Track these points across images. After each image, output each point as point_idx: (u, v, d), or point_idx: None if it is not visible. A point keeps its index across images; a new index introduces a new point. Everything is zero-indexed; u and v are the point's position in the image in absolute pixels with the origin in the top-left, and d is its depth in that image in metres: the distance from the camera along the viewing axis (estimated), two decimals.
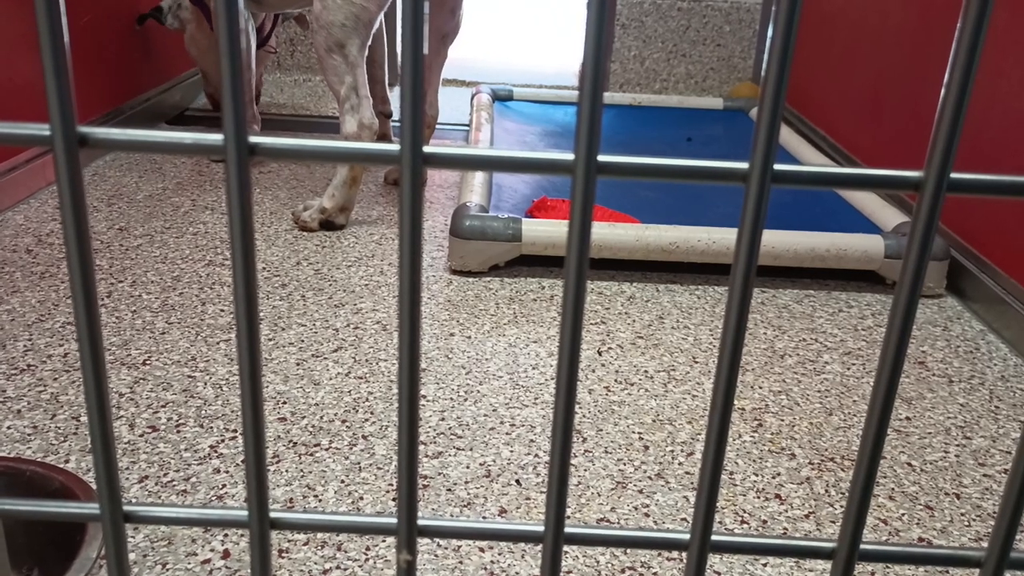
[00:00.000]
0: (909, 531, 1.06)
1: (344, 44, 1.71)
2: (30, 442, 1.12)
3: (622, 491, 1.10)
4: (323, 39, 1.72)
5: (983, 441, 1.24)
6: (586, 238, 0.27)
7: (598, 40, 0.24)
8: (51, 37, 0.24)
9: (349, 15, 1.69)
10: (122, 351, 1.35)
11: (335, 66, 1.73)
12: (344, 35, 1.71)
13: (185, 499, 1.04)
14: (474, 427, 1.21)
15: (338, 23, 1.70)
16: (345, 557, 0.96)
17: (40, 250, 1.68)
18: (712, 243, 1.66)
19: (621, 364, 1.40)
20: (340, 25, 1.70)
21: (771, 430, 1.24)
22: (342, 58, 1.72)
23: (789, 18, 0.24)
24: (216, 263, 1.67)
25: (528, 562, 0.97)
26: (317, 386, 1.29)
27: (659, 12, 3.16)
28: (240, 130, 0.26)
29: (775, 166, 0.26)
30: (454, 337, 1.45)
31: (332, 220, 1.85)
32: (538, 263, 1.75)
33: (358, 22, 1.70)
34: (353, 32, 1.71)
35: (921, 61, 1.99)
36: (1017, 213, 1.57)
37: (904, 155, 2.05)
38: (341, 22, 1.70)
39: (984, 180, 0.26)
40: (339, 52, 1.72)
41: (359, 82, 1.75)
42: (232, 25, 0.24)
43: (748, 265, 0.27)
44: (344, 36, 1.71)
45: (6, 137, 0.27)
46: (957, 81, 0.25)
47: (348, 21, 1.70)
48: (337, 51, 1.72)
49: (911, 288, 0.27)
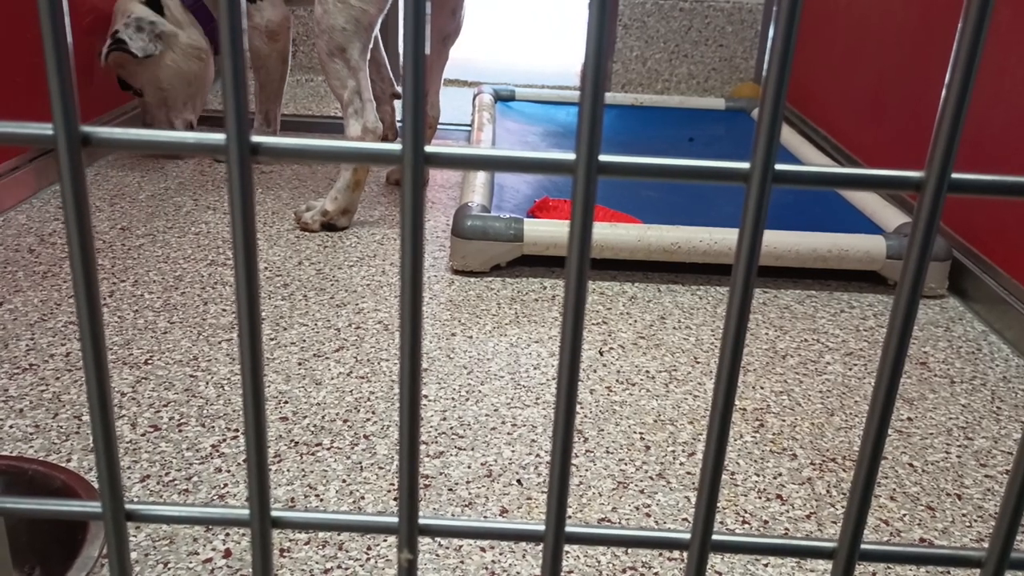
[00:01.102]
0: (910, 531, 1.06)
1: (345, 48, 1.71)
2: (32, 441, 1.12)
3: (623, 491, 1.10)
4: (325, 43, 1.71)
5: (985, 442, 1.24)
6: (587, 238, 0.27)
7: (599, 40, 0.24)
8: (54, 37, 0.25)
9: (349, 19, 1.69)
10: (124, 350, 1.35)
11: (337, 70, 1.73)
12: (345, 39, 1.70)
13: (187, 498, 1.04)
14: (475, 427, 1.21)
15: (339, 27, 1.69)
16: (346, 556, 0.96)
17: (43, 249, 1.68)
18: (714, 243, 1.66)
19: (622, 364, 1.40)
20: (341, 29, 1.70)
21: (772, 430, 1.24)
22: (344, 62, 1.72)
23: (790, 18, 0.24)
24: (218, 263, 1.67)
25: (529, 562, 0.97)
26: (319, 386, 1.29)
27: (661, 12, 3.16)
28: (243, 130, 0.26)
29: (776, 166, 0.26)
30: (456, 337, 1.45)
31: (334, 223, 1.85)
32: (540, 263, 1.75)
33: (359, 25, 1.70)
34: (354, 36, 1.71)
35: (922, 61, 1.99)
36: (1019, 213, 1.57)
37: (905, 155, 2.05)
38: (342, 26, 1.69)
39: (985, 180, 0.26)
40: (341, 56, 1.72)
41: (362, 86, 1.74)
42: (235, 24, 0.25)
43: (749, 265, 0.27)
44: (345, 40, 1.70)
45: (9, 136, 0.27)
46: (958, 81, 0.25)
47: (349, 25, 1.69)
48: (339, 55, 1.72)
49: (912, 289, 0.27)
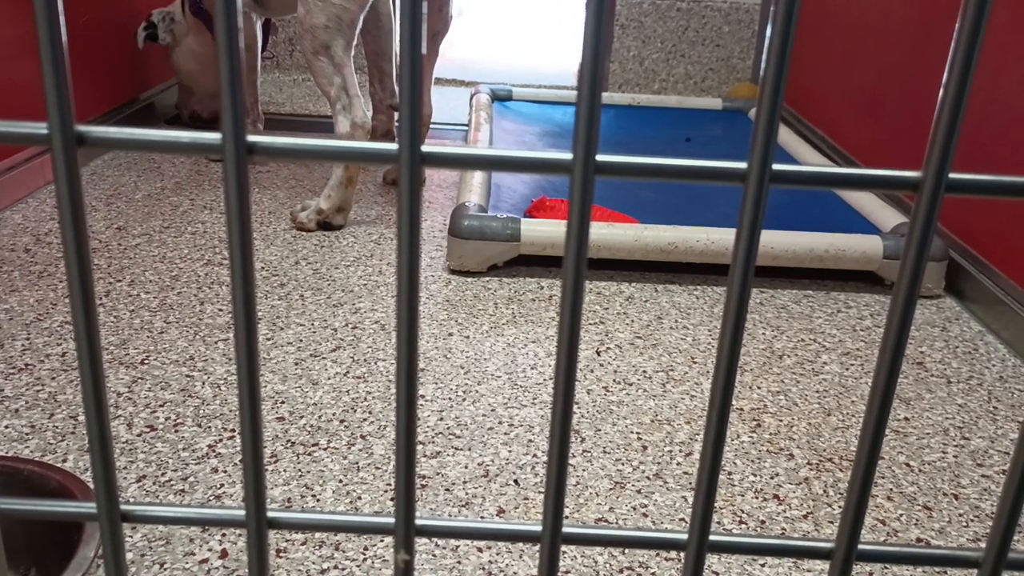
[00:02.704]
0: (907, 531, 1.06)
1: (329, 46, 1.73)
2: (28, 441, 1.12)
3: (620, 491, 1.10)
4: (309, 42, 1.73)
5: (981, 442, 1.25)
6: (584, 238, 0.27)
7: (597, 40, 0.24)
8: (49, 36, 0.24)
9: (331, 16, 1.71)
10: (120, 350, 1.35)
11: (323, 68, 1.74)
12: (328, 37, 1.72)
13: (183, 498, 1.04)
14: (472, 427, 1.21)
15: (321, 25, 1.71)
16: (343, 557, 0.96)
17: (38, 249, 1.68)
18: (711, 243, 1.66)
19: (619, 364, 1.40)
20: (323, 27, 1.71)
21: (769, 430, 1.24)
22: (328, 59, 1.73)
23: (787, 18, 0.24)
24: (214, 262, 1.67)
25: (526, 562, 0.97)
26: (315, 386, 1.29)
27: (658, 12, 3.17)
28: (238, 129, 0.26)
29: (773, 166, 0.26)
30: (452, 337, 1.45)
31: (329, 221, 1.86)
32: (537, 263, 1.75)
33: (340, 23, 1.72)
34: (337, 33, 1.72)
35: (920, 61, 1.99)
36: (1016, 214, 1.57)
37: (903, 155, 2.05)
38: (324, 24, 1.71)
39: (983, 180, 0.26)
40: (325, 54, 1.73)
41: (348, 82, 1.76)
42: (231, 25, 0.24)
43: (746, 265, 0.27)
44: (328, 38, 1.72)
45: (4, 136, 0.27)
46: (955, 81, 0.25)
47: (331, 22, 1.71)
48: (323, 53, 1.73)
49: (909, 288, 0.27)
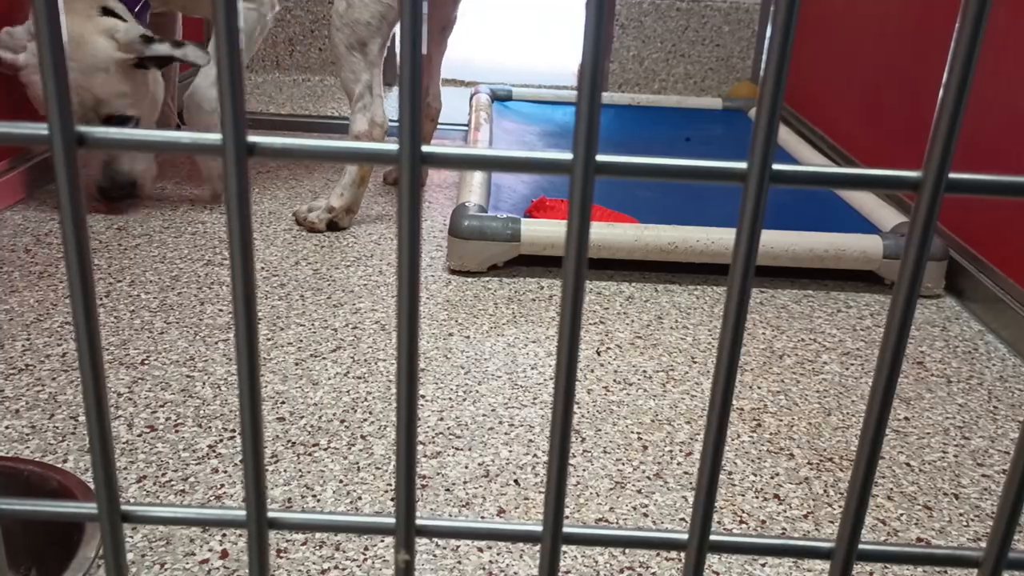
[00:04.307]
0: (907, 531, 1.06)
1: (367, 43, 1.73)
2: (28, 442, 1.12)
3: (620, 491, 1.10)
4: (345, 36, 1.73)
5: (982, 441, 1.25)
6: (585, 238, 0.27)
7: (597, 40, 0.24)
8: (49, 37, 0.24)
9: (375, 14, 1.71)
10: (120, 351, 1.35)
11: (354, 64, 1.74)
12: (368, 34, 1.72)
13: (183, 499, 1.04)
14: (473, 427, 1.21)
15: (364, 21, 1.71)
16: (343, 557, 0.96)
17: (39, 250, 1.68)
18: (711, 243, 1.66)
19: (620, 364, 1.40)
20: (366, 23, 1.71)
21: (770, 430, 1.24)
22: (362, 56, 1.74)
23: (787, 18, 0.24)
24: (215, 263, 1.67)
25: (527, 562, 0.97)
26: (316, 386, 1.29)
27: (658, 12, 3.17)
28: (239, 129, 0.26)
29: (773, 166, 0.26)
30: (453, 337, 1.45)
31: (337, 221, 1.86)
32: (537, 263, 1.75)
33: (383, 21, 1.73)
34: (377, 31, 1.73)
35: (920, 61, 1.99)
36: (1016, 213, 1.57)
37: (903, 155, 2.05)
38: (367, 20, 1.71)
39: (983, 180, 0.26)
40: (360, 50, 1.73)
41: (375, 81, 1.76)
42: (231, 25, 0.24)
43: (747, 265, 0.27)
44: (368, 35, 1.72)
45: (5, 137, 0.27)
46: (955, 81, 0.25)
47: (374, 20, 1.72)
48: (358, 49, 1.73)
49: (909, 288, 0.27)
